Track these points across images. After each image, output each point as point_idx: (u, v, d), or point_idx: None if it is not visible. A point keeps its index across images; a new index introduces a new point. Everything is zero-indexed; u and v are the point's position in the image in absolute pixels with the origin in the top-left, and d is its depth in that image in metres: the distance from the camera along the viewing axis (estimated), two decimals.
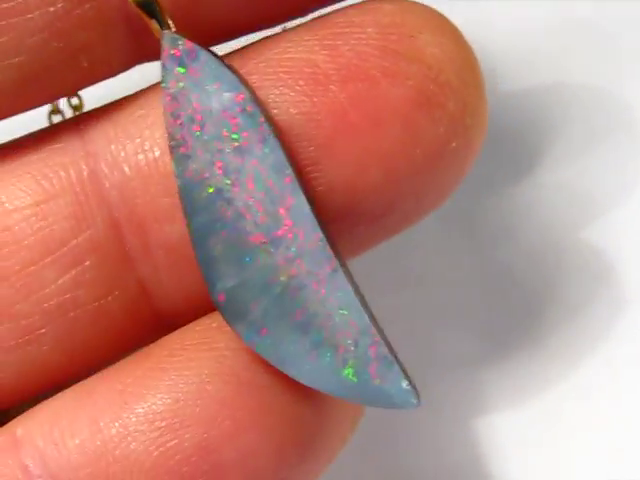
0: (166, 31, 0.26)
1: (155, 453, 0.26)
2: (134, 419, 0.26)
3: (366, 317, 0.26)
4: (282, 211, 0.26)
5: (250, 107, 0.26)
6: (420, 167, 0.27)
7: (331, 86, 0.26)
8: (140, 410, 0.26)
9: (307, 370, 0.26)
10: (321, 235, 0.26)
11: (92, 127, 0.28)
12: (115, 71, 0.28)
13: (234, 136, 0.26)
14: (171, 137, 0.26)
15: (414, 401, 0.26)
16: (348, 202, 0.27)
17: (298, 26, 0.28)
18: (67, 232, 0.27)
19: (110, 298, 0.27)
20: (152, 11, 0.26)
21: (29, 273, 0.27)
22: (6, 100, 0.27)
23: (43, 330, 0.27)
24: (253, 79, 0.27)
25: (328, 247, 0.26)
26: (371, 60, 0.26)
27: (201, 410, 0.26)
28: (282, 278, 0.26)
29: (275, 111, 0.26)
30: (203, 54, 0.26)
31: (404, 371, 0.26)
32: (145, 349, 0.27)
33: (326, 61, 0.26)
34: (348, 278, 0.26)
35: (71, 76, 0.27)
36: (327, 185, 0.26)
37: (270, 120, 0.26)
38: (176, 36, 0.26)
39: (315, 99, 0.26)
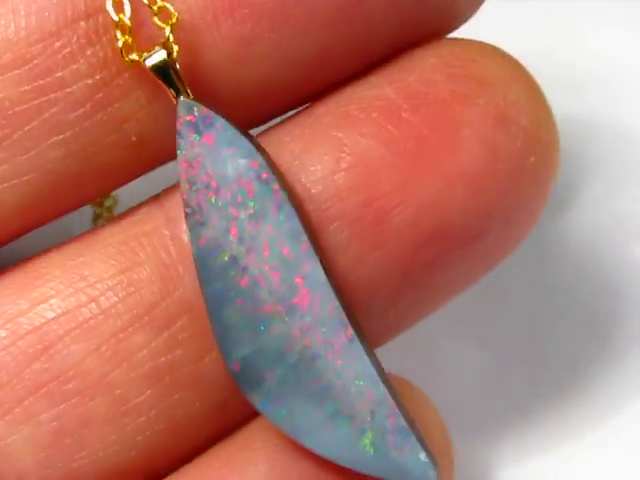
0: (181, 97, 0.26)
1: None
2: None
3: (383, 387, 0.25)
4: (297, 279, 0.25)
5: (265, 174, 0.25)
6: (504, 184, 0.26)
7: (403, 113, 0.26)
8: None
9: (323, 441, 0.25)
10: (337, 303, 0.25)
11: (172, 195, 0.27)
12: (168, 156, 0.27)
13: (250, 203, 0.26)
14: (186, 204, 0.26)
15: (432, 473, 0.25)
16: (438, 224, 0.26)
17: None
18: (155, 295, 0.27)
19: (208, 359, 0.27)
20: (168, 77, 0.26)
21: (119, 340, 0.27)
22: (55, 182, 0.27)
23: (139, 399, 0.27)
24: (325, 121, 0.27)
25: (344, 315, 0.25)
26: (439, 85, 0.26)
27: None
28: (297, 347, 0.25)
29: (354, 147, 0.26)
30: (219, 120, 0.26)
31: (421, 441, 0.25)
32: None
33: (395, 92, 0.26)
34: (365, 348, 0.26)
35: (122, 154, 0.27)
36: (415, 207, 0.26)
37: (285, 186, 0.26)
38: (191, 102, 0.26)
39: (390, 126, 0.26)
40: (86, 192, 0.28)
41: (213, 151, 0.26)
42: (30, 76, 0.26)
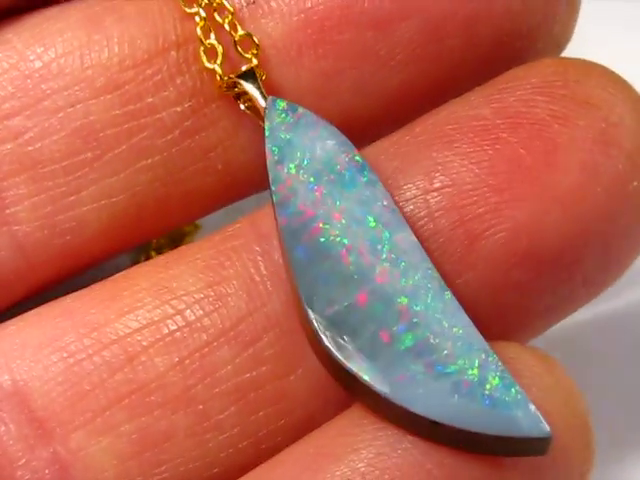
0: (270, 96, 0.27)
1: None
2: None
3: (482, 337, 0.24)
4: (387, 242, 0.25)
5: (353, 151, 0.26)
6: (602, 208, 0.25)
7: (501, 134, 0.26)
8: (337, 472, 0.24)
9: (421, 395, 0.24)
10: (430, 265, 0.25)
11: (264, 214, 0.27)
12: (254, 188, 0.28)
13: (335, 176, 0.26)
14: (272, 181, 0.26)
15: (544, 426, 0.23)
16: (532, 246, 0.25)
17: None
18: (242, 310, 0.26)
19: (293, 377, 0.26)
20: (253, 81, 0.27)
21: (204, 354, 0.26)
22: (141, 206, 0.27)
23: (222, 415, 0.26)
24: (421, 140, 0.27)
25: (437, 273, 0.25)
26: (539, 105, 0.26)
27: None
28: (398, 300, 0.25)
29: (449, 167, 0.26)
30: (304, 111, 0.26)
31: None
32: None
33: (493, 112, 0.26)
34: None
35: (208, 181, 0.28)
36: (510, 230, 0.25)
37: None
38: (278, 98, 0.27)
39: (486, 147, 0.26)
40: (171, 218, 0.28)
41: (301, 134, 0.26)
42: (121, 101, 0.27)
